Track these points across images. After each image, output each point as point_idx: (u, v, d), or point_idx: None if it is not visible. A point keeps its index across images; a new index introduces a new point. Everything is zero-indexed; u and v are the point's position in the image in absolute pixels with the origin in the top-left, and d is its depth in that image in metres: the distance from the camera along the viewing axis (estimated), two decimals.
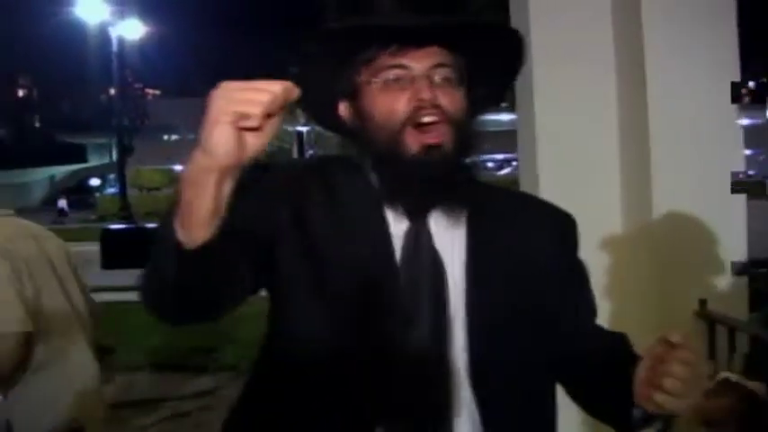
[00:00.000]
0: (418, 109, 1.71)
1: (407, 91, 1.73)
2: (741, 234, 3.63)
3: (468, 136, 1.77)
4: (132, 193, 40.48)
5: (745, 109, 3.82)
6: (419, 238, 1.76)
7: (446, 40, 1.76)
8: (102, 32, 36.80)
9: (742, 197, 3.62)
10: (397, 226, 1.76)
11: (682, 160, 3.61)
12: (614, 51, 3.78)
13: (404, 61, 1.74)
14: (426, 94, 1.70)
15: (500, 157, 43.26)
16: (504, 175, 37.51)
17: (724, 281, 3.61)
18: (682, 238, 3.58)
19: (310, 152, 27.18)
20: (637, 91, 3.64)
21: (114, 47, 35.69)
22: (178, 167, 56.37)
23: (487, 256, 1.78)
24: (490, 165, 43.74)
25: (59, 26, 45.33)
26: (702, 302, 3.54)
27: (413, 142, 1.71)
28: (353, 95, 1.81)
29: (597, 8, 3.77)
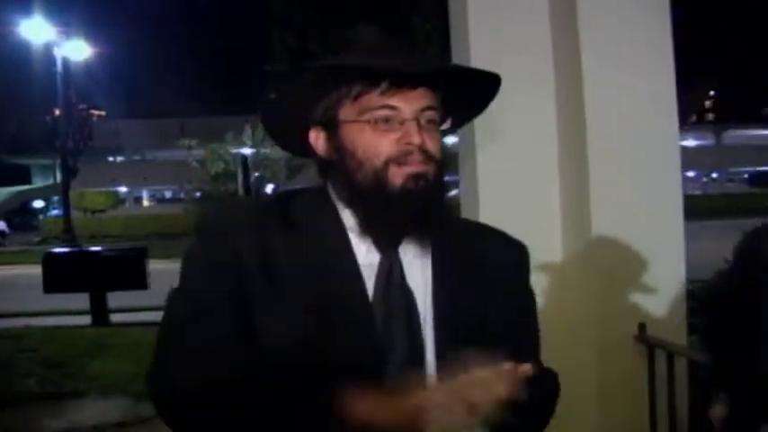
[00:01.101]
0: (406, 153, 1.73)
1: (395, 132, 1.75)
2: (680, 257, 3.66)
3: (443, 171, 1.80)
4: (76, 215, 40.01)
5: (692, 130, 3.87)
6: (392, 271, 1.78)
7: (437, 83, 1.79)
8: (47, 53, 36.43)
9: (680, 220, 3.66)
10: (366, 257, 1.78)
11: (620, 183, 3.64)
12: (553, 74, 3.82)
13: (394, 102, 1.75)
14: (416, 139, 1.73)
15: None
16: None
17: (663, 304, 3.65)
18: (621, 262, 3.60)
19: (255, 174, 27.05)
20: (575, 112, 3.67)
21: (59, 67, 35.35)
22: (123, 189, 56.15)
23: (453, 285, 1.80)
24: None
25: (2, 46, 44.81)
26: (642, 326, 3.57)
27: (396, 175, 1.74)
28: (330, 126, 1.81)
29: (536, 30, 3.80)
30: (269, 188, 28.79)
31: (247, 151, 24.00)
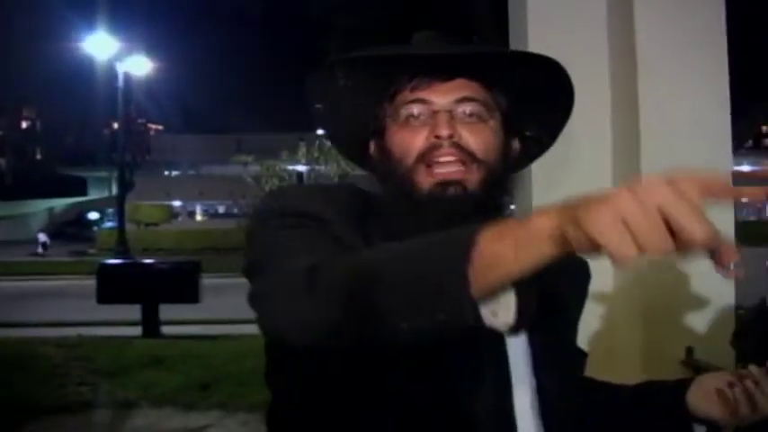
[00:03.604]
0: (434, 147, 1.55)
1: (427, 127, 1.58)
2: (729, 281, 3.63)
3: (497, 175, 1.60)
4: (130, 227, 40.49)
5: (748, 155, 3.84)
6: None
7: (473, 72, 1.60)
8: (109, 68, 36.97)
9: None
10: None
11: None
12: (610, 82, 3.82)
13: (424, 95, 1.59)
14: (444, 131, 1.55)
15: None
16: None
17: (711, 329, 3.62)
18: (669, 285, 3.58)
19: None
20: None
21: (120, 82, 35.84)
22: (177, 203, 56.58)
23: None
24: None
25: (67, 60, 45.59)
26: (689, 350, 3.55)
27: (424, 180, 1.56)
28: (377, 133, 1.68)
29: (593, 26, 3.79)
30: None
31: (301, 168, 24.12)
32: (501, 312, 1.22)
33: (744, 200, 1.16)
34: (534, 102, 1.68)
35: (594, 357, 2.04)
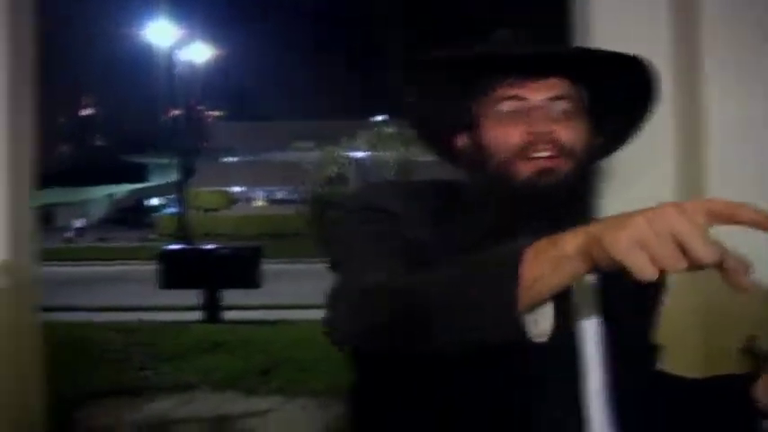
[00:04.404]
0: (532, 143, 1.66)
1: (523, 123, 1.68)
2: None
3: (586, 171, 1.72)
4: (190, 213, 40.86)
5: None
6: None
7: (565, 70, 1.71)
8: (169, 55, 37.28)
9: None
10: None
11: (736, 197, 3.56)
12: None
13: (521, 92, 1.70)
14: (542, 127, 1.66)
15: None
16: None
17: None
18: None
19: (367, 180, 27.22)
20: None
21: (180, 70, 36.14)
22: (235, 189, 57.12)
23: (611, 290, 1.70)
24: None
25: (127, 48, 46.10)
26: (751, 339, 3.49)
27: (522, 168, 1.66)
28: (469, 127, 1.77)
29: (655, 24, 3.73)
30: None
31: (360, 154, 24.18)
32: (540, 321, 1.40)
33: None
34: (615, 99, 1.81)
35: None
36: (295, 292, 16.40)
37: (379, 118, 49.13)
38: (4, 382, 4.34)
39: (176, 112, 41.09)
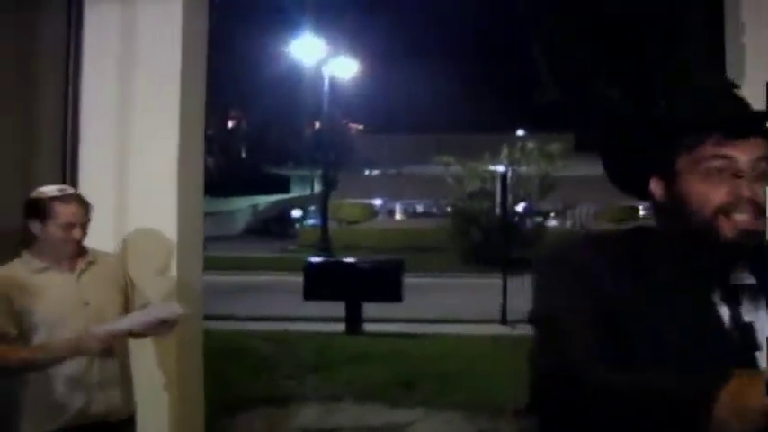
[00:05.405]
0: (735, 204, 1.72)
1: (727, 182, 1.74)
2: None
3: None
4: (331, 225, 41.27)
5: None
6: (737, 322, 1.75)
7: (763, 130, 1.75)
8: (315, 70, 37.75)
9: None
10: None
11: None
12: None
13: (729, 152, 1.74)
14: (746, 192, 1.72)
15: None
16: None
17: None
18: None
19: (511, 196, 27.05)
20: None
21: (326, 85, 36.57)
22: (377, 202, 57.39)
23: None
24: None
25: (273, 62, 46.93)
26: None
27: (725, 226, 1.73)
28: (668, 176, 1.83)
29: None
30: (520, 206, 28.67)
31: (502, 169, 24.03)
32: None
33: None
34: None
35: None
36: (435, 305, 16.59)
37: (521, 132, 48.80)
38: (169, 389, 4.50)
39: (318, 124, 41.54)
